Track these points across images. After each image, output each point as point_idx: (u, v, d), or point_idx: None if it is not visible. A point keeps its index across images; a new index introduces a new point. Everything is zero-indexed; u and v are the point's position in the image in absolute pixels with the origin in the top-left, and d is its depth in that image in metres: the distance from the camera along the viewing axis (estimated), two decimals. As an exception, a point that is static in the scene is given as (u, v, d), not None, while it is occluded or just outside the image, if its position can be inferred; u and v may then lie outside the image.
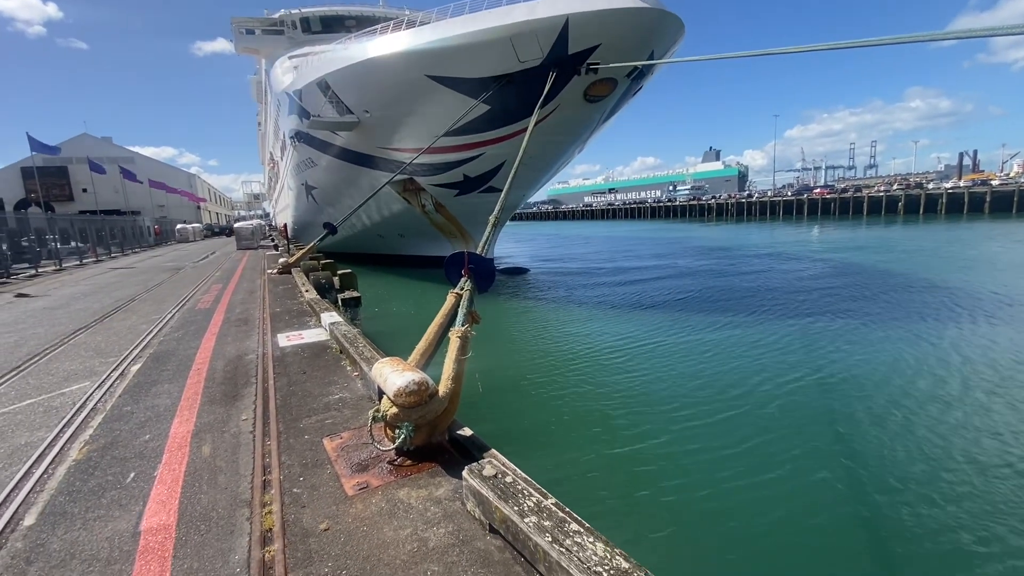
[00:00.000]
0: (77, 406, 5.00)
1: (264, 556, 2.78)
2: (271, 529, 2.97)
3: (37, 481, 3.62)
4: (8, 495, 3.45)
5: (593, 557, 2.35)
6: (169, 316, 9.77)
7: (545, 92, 13.00)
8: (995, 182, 67.21)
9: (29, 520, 3.18)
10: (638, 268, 27.07)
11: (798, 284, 19.66)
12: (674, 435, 7.50)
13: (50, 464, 3.85)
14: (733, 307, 15.91)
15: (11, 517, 3.21)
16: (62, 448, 4.11)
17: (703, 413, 8.11)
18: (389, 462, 3.65)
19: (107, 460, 3.92)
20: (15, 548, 2.94)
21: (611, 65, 13.85)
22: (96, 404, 5.11)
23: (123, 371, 6.20)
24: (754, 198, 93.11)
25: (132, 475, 3.67)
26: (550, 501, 2.77)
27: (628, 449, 7.22)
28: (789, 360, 10.43)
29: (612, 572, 2.25)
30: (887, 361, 10.24)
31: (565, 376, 10.33)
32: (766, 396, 8.62)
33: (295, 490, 3.36)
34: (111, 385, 5.70)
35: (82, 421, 4.69)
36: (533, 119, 11.77)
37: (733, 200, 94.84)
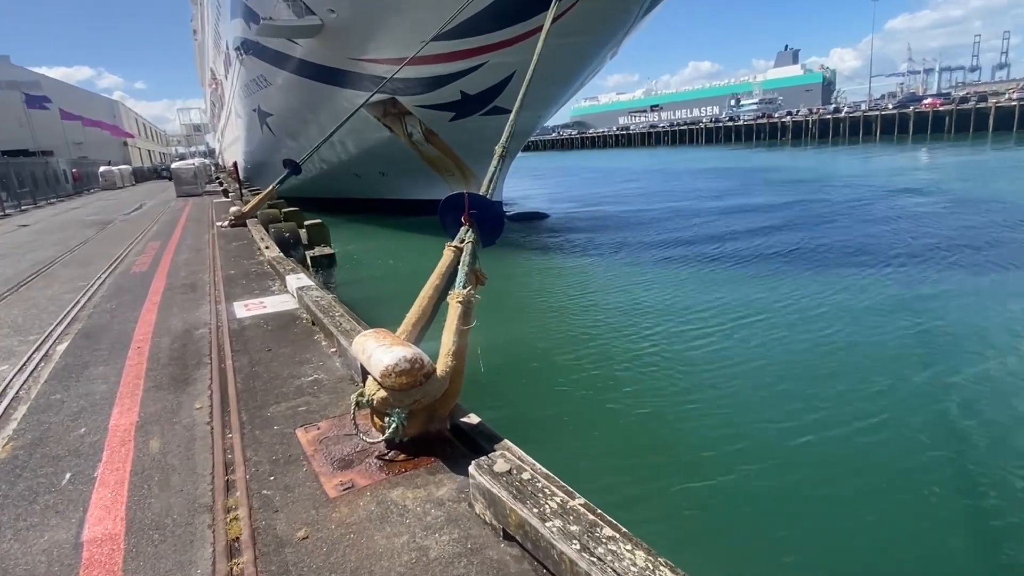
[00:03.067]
0: (-4, 394, 5.19)
1: (232, 570, 2.91)
2: (238, 538, 3.10)
3: (-44, 484, 3.79)
4: (-76, 501, 3.63)
5: (632, 568, 2.40)
6: (98, 282, 9.95)
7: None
8: None
9: (-49, 530, 3.36)
10: (687, 213, 26.72)
11: (915, 237, 18.11)
12: (728, 425, 7.59)
13: (-30, 464, 4.04)
14: (818, 268, 15.26)
15: (-70, 526, 3.39)
16: (-18, 445, 4.30)
17: (768, 401, 8.17)
18: (378, 457, 3.73)
19: (37, 459, 4.09)
20: (-62, 562, 3.13)
21: None
22: (18, 392, 5.29)
23: (47, 351, 6.39)
24: (843, 113, 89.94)
25: (68, 476, 3.83)
26: (577, 501, 2.84)
27: (672, 439, 7.36)
28: (894, 341, 9.97)
29: (655, 586, 2.31)
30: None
31: (592, 351, 10.41)
32: (867, 389, 8.35)
33: (265, 492, 3.47)
34: (35, 369, 5.88)
35: (2, 413, 4.88)
36: (550, 14, 11.33)
37: (815, 116, 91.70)
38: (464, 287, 4.42)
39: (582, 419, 7.99)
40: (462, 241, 4.92)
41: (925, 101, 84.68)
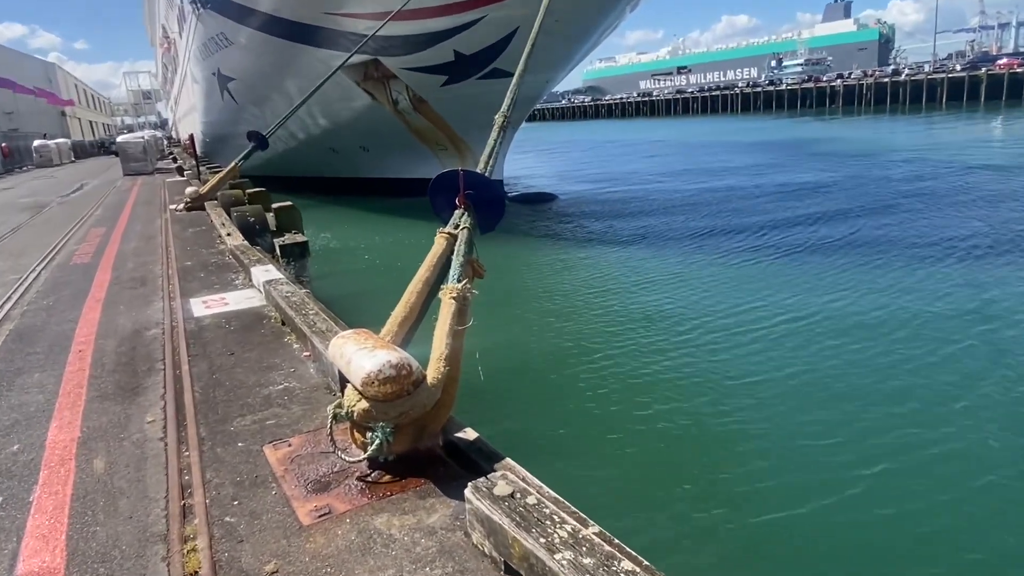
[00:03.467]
0: (-85, 406, 5.20)
1: (190, 608, 2.93)
2: (196, 573, 3.11)
3: None
4: None
5: (654, 608, 2.42)
6: (32, 275, 9.97)
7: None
8: None
9: None
10: (721, 196, 26.63)
11: (994, 226, 17.73)
12: (768, 448, 7.60)
13: None
14: (877, 263, 14.85)
15: None
16: (-100, 464, 4.31)
17: (816, 421, 8.13)
18: (360, 478, 3.74)
19: (-37, 480, 4.11)
20: None
21: None
22: (-59, 403, 5.31)
23: (-26, 356, 6.41)
24: (903, 76, 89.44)
25: (-1, 500, 3.86)
26: (591, 530, 2.85)
27: (702, 461, 7.38)
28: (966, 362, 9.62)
29: (682, 628, 2.32)
30: None
31: (609, 357, 10.42)
32: (940, 411, 8.17)
33: (228, 519, 3.48)
34: (-41, 376, 5.90)
35: (-76, 427, 4.89)
36: (560, -41, 11.26)
37: (871, 80, 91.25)
38: (459, 281, 4.42)
39: (596, 435, 8.00)
40: (456, 227, 4.92)
41: (1000, 62, 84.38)
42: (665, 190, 28.90)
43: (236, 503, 3.61)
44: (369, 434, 3.66)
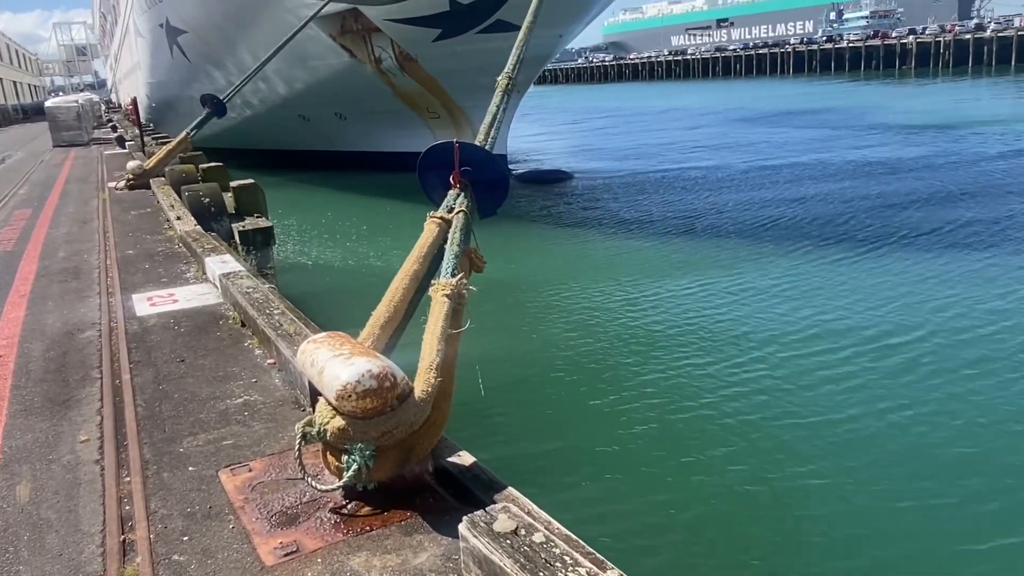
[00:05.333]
0: None
1: (131, 663, 2.94)
2: (139, 620, 3.14)
3: None
4: None
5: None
6: (-55, 266, 9.98)
7: None
8: None
9: None
10: (769, 176, 26.55)
11: None
12: (816, 482, 7.59)
13: None
14: (955, 266, 14.53)
15: None
16: None
17: (874, 451, 8.12)
18: (333, 510, 3.74)
19: None
20: None
21: None
22: None
23: None
24: (988, 32, 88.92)
25: (-95, 533, 3.86)
26: (610, 574, 2.84)
27: (737, 495, 7.37)
28: None
29: None
30: None
31: (629, 369, 10.40)
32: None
33: (176, 557, 3.47)
34: None
35: None
36: None
37: (950, 35, 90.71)
38: (453, 275, 4.42)
39: (614, 459, 7.99)
40: (451, 211, 4.92)
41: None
42: (702, 168, 28.77)
43: (186, 539, 3.61)
44: (345, 457, 3.65)
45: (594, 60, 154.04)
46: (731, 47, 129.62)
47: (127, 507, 3.92)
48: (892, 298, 12.64)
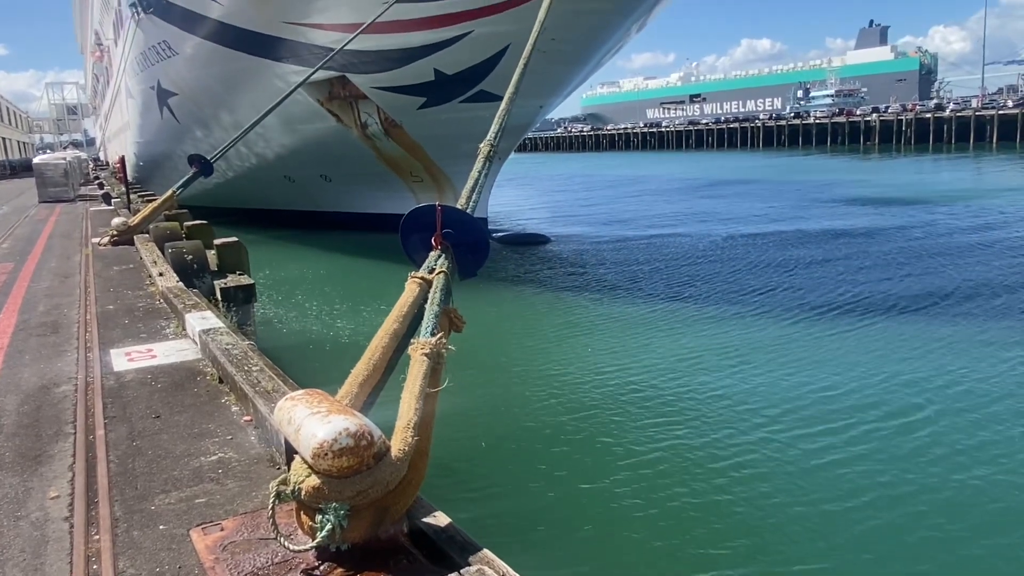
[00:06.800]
0: None
1: None
2: None
3: None
4: None
5: None
6: (-76, 318, 9.81)
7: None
8: None
9: None
10: (739, 243, 27.05)
11: None
12: (791, 529, 7.56)
13: None
14: (937, 338, 14.41)
15: None
16: None
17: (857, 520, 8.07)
18: (306, 571, 3.64)
19: None
20: None
21: None
22: None
23: None
24: (948, 111, 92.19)
25: None
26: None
27: (712, 548, 7.27)
28: None
29: None
30: None
31: (608, 425, 10.36)
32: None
33: (142, 620, 3.39)
34: None
35: None
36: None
37: (911, 114, 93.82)
38: (432, 334, 4.41)
39: (595, 519, 7.90)
40: (431, 271, 4.92)
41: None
42: (676, 235, 29.22)
43: (153, 601, 3.50)
44: (319, 517, 3.56)
45: (573, 130, 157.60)
46: (703, 121, 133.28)
47: (94, 566, 3.80)
48: (870, 366, 12.66)
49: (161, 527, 4.15)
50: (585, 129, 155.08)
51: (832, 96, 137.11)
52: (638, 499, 8.27)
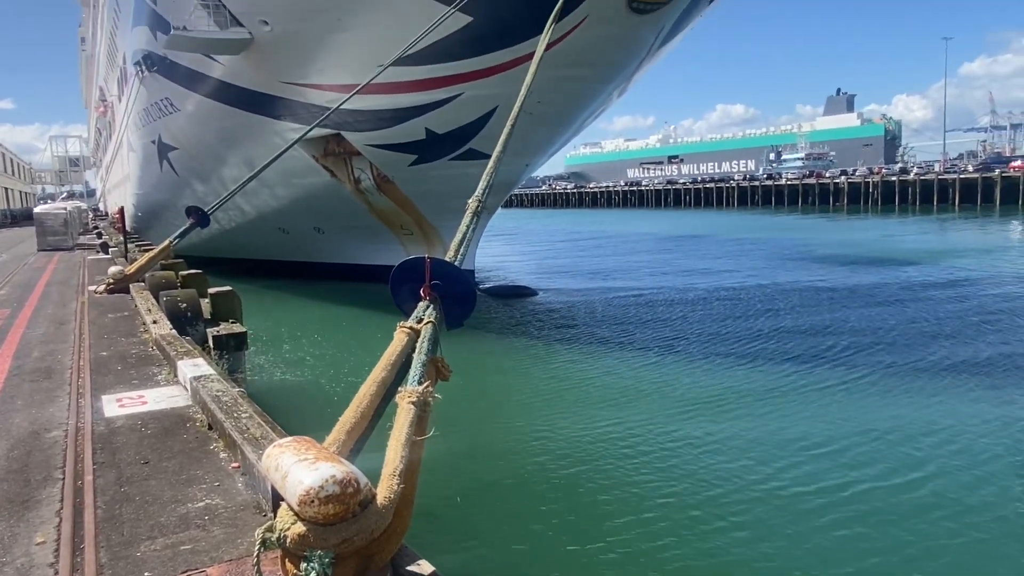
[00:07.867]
0: None
1: None
2: None
3: None
4: None
5: None
6: (-83, 363, 9.69)
7: (564, -5, 13.32)
8: None
9: None
10: (718, 296, 27.30)
11: None
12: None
13: None
14: (913, 391, 14.40)
15: None
16: None
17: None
18: (289, 619, 3.59)
19: None
20: None
21: None
22: None
23: None
24: (912, 175, 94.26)
25: None
26: None
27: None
28: None
29: None
30: None
31: (592, 476, 10.29)
32: None
33: (124, 667, 3.31)
34: None
35: None
36: (543, 40, 11.97)
37: (877, 177, 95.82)
38: (420, 383, 4.41)
39: (577, 571, 7.80)
40: (419, 321, 4.95)
41: (1014, 163, 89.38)
42: (656, 289, 29.44)
43: (136, 647, 3.42)
44: (303, 565, 3.50)
45: (557, 188, 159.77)
46: (681, 180, 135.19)
47: (78, 613, 3.72)
48: (853, 412, 12.85)
49: (146, 574, 4.07)
50: (569, 187, 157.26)
51: (803, 159, 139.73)
52: (623, 550, 8.17)
